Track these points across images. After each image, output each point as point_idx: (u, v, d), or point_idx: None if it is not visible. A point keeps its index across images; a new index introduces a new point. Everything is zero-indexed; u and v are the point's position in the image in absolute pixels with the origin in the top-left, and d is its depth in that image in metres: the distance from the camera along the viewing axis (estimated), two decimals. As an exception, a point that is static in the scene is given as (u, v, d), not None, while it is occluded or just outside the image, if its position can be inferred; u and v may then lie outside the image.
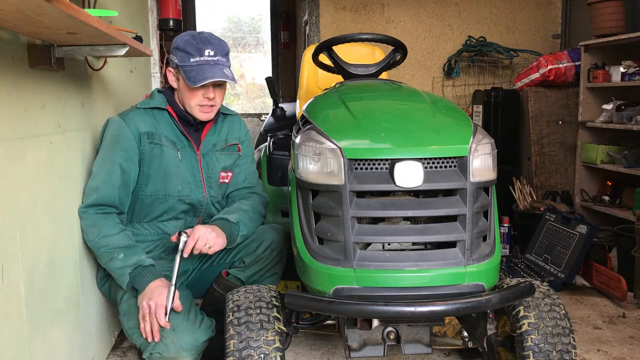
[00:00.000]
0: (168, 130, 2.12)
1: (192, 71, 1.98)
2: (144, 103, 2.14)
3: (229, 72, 2.01)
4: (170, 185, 2.12)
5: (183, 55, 2.00)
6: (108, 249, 1.97)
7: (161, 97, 2.15)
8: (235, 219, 2.09)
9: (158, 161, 2.09)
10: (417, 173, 1.51)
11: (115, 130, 2.06)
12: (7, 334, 1.51)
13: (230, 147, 2.26)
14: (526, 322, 1.68)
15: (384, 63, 2.35)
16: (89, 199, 2.02)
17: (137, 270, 1.93)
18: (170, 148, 2.11)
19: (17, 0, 1.13)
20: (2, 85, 1.51)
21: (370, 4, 5.27)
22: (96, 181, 2.03)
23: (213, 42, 2.02)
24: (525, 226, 3.83)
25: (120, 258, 1.95)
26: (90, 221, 2.01)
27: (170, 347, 1.89)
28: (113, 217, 2.03)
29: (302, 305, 1.58)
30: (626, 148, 4.02)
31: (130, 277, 1.93)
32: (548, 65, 4.40)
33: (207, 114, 2.09)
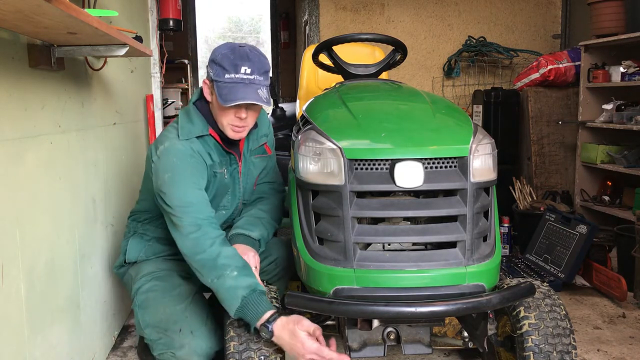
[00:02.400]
0: (217, 154, 2.01)
1: (225, 88, 1.84)
2: (188, 131, 1.95)
3: (263, 93, 1.86)
4: (214, 204, 2.04)
5: (218, 70, 1.86)
6: (221, 265, 1.75)
7: (201, 120, 1.98)
8: (257, 236, 2.02)
9: (212, 186, 2.01)
10: (418, 173, 1.51)
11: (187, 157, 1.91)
12: (7, 334, 1.51)
13: (260, 148, 2.18)
14: (527, 323, 1.68)
15: (384, 63, 2.35)
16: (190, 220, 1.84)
17: (251, 295, 1.67)
18: (221, 173, 2.03)
19: (17, 0, 1.13)
20: (2, 85, 1.51)
21: (370, 4, 5.26)
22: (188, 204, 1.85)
23: (252, 59, 1.86)
24: (525, 226, 3.83)
25: (232, 276, 1.72)
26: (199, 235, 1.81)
27: (185, 349, 1.86)
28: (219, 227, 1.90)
29: (303, 305, 1.58)
30: (626, 148, 4.02)
31: (242, 302, 1.67)
32: (548, 65, 4.40)
33: (238, 134, 1.96)
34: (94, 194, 2.26)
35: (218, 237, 1.80)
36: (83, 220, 2.12)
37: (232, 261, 1.74)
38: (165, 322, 1.91)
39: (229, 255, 1.76)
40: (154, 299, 1.96)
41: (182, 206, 1.83)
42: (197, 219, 1.82)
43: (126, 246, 2.18)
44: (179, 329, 1.88)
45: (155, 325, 1.93)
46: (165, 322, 1.91)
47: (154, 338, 1.92)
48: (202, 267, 1.77)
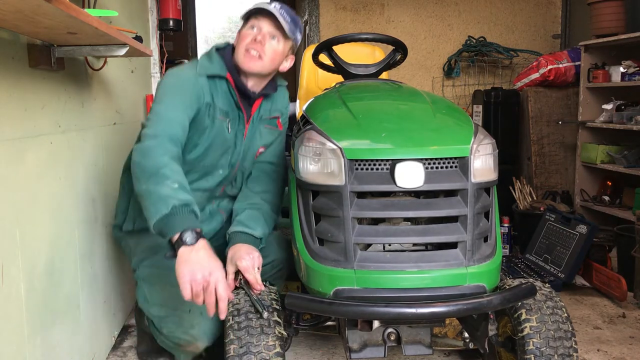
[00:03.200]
0: (224, 101, 1.95)
1: (249, 12, 1.89)
2: (204, 67, 1.92)
3: (287, 23, 1.87)
4: (211, 157, 1.98)
5: (247, 13, 1.91)
6: (163, 173, 1.64)
7: (220, 62, 1.94)
8: (260, 234, 1.95)
9: (208, 132, 1.93)
10: (418, 173, 1.51)
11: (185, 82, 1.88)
12: (7, 334, 1.51)
13: (272, 120, 2.11)
14: (528, 326, 1.68)
15: (384, 63, 2.34)
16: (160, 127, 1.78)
17: (185, 209, 1.59)
18: (222, 121, 1.95)
19: (17, 0, 1.13)
20: (2, 85, 1.51)
21: (370, 4, 5.26)
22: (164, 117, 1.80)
23: (282, 5, 1.91)
24: (525, 226, 3.83)
25: (172, 187, 1.62)
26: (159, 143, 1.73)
27: (195, 329, 1.84)
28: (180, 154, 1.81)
29: (303, 306, 1.57)
30: (626, 148, 4.02)
31: (171, 210, 1.57)
32: (548, 65, 4.40)
33: (251, 62, 1.89)
34: (94, 194, 2.26)
35: (171, 152, 1.72)
36: (83, 220, 2.12)
37: (177, 176, 1.66)
38: (174, 301, 1.86)
39: (176, 170, 1.68)
40: (159, 276, 1.92)
41: (156, 118, 1.80)
42: (161, 131, 1.76)
43: (122, 208, 2.11)
44: (188, 309, 1.85)
45: (162, 303, 1.91)
46: (174, 301, 1.86)
47: (161, 315, 1.91)
48: (143, 173, 1.66)
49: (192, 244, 1.55)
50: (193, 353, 1.96)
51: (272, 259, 2.14)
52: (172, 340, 1.94)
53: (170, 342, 1.97)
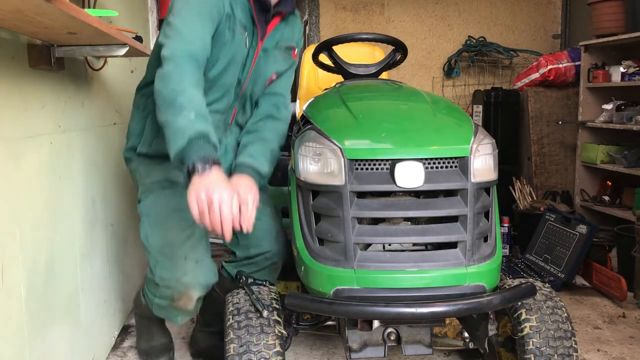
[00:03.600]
0: (242, 14, 1.86)
1: None
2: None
3: None
4: (231, 74, 1.90)
5: None
6: (180, 103, 1.60)
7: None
8: (266, 173, 1.89)
9: (228, 47, 1.84)
10: (418, 173, 1.51)
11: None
12: (7, 334, 1.51)
13: (287, 50, 2.04)
14: (528, 326, 1.68)
15: (384, 63, 2.34)
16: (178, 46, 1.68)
17: (200, 140, 1.56)
18: (241, 34, 1.86)
19: (17, 0, 1.13)
20: (2, 85, 1.51)
21: (370, 4, 5.26)
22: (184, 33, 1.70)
23: None
24: (525, 226, 3.83)
25: (189, 118, 1.58)
26: (177, 67, 1.65)
27: (188, 276, 1.85)
28: (201, 74, 1.75)
29: (303, 306, 1.57)
30: (626, 148, 4.02)
31: (187, 142, 1.55)
32: (548, 65, 4.40)
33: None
34: (94, 194, 2.26)
35: (191, 75, 1.66)
36: (83, 220, 2.12)
37: (195, 104, 1.61)
38: (170, 247, 1.87)
39: (194, 97, 1.63)
40: (161, 218, 1.90)
41: (174, 34, 1.69)
42: (180, 51, 1.67)
43: (136, 131, 2.02)
44: (184, 257, 1.85)
45: (160, 249, 1.89)
46: (170, 247, 1.87)
47: (157, 258, 1.90)
48: (163, 102, 1.63)
49: (204, 171, 1.53)
50: (187, 311, 1.93)
51: (265, 250, 2.09)
52: (165, 293, 1.91)
53: (163, 300, 1.95)
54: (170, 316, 2.02)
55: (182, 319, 2.01)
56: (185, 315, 1.98)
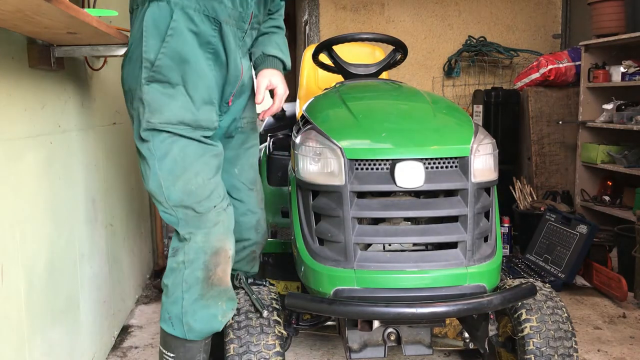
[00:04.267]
0: None
1: None
2: None
3: None
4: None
5: None
6: None
7: None
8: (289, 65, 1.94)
9: None
10: (418, 173, 1.51)
11: None
12: (7, 334, 1.51)
13: None
14: (528, 326, 1.68)
15: (384, 63, 2.34)
16: None
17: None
18: None
19: (17, 0, 1.13)
20: (2, 85, 1.50)
21: (370, 4, 5.26)
22: None
23: None
24: (525, 226, 3.82)
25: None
26: None
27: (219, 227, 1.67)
28: None
29: (303, 306, 1.57)
30: (626, 148, 4.02)
31: None
32: (548, 65, 4.40)
33: None
34: (94, 194, 2.26)
35: None
36: (83, 220, 2.12)
37: None
38: (197, 195, 1.64)
39: None
40: (183, 164, 1.63)
41: None
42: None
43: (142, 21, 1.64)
44: (213, 205, 1.66)
45: (182, 198, 1.63)
46: (197, 195, 1.64)
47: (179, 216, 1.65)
48: None
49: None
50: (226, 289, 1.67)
51: (244, 238, 1.96)
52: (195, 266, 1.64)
53: (194, 285, 1.64)
54: (209, 312, 1.65)
55: (224, 313, 1.66)
56: (226, 300, 1.67)
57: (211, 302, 1.65)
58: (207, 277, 1.65)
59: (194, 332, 1.65)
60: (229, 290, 1.69)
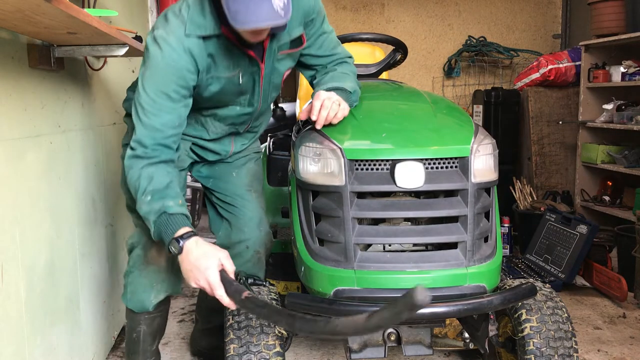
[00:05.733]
0: (226, 56, 1.68)
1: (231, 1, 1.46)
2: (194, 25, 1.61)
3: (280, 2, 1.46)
4: (223, 99, 1.80)
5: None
6: (139, 189, 1.64)
7: (213, 15, 1.61)
8: (351, 88, 1.75)
9: (214, 88, 1.73)
10: (418, 174, 1.51)
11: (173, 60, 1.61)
12: (7, 334, 1.51)
13: (294, 42, 1.80)
14: (528, 326, 1.67)
15: (384, 63, 2.34)
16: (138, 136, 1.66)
17: (163, 218, 1.60)
18: (230, 77, 1.73)
19: (17, 0, 1.13)
20: (2, 85, 1.50)
21: (370, 4, 5.26)
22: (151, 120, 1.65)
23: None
24: (525, 226, 3.82)
25: (146, 200, 1.63)
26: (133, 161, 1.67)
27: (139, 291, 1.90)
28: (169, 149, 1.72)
29: (303, 306, 1.57)
30: (626, 148, 4.02)
31: (154, 227, 1.61)
32: (548, 65, 4.40)
33: (258, 38, 1.63)
34: (94, 194, 2.26)
35: (151, 158, 1.66)
36: (83, 220, 2.11)
37: (151, 183, 1.63)
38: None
39: (149, 175, 1.64)
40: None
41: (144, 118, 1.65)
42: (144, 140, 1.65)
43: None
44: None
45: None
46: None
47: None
48: (130, 190, 1.69)
49: (179, 252, 1.58)
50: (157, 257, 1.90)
51: (246, 237, 1.99)
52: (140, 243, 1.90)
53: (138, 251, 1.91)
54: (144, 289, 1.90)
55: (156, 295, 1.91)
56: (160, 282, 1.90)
57: (146, 280, 1.90)
58: (145, 254, 1.89)
59: (132, 304, 1.93)
60: (163, 271, 1.89)
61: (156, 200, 1.62)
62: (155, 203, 1.62)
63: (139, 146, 1.66)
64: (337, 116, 1.67)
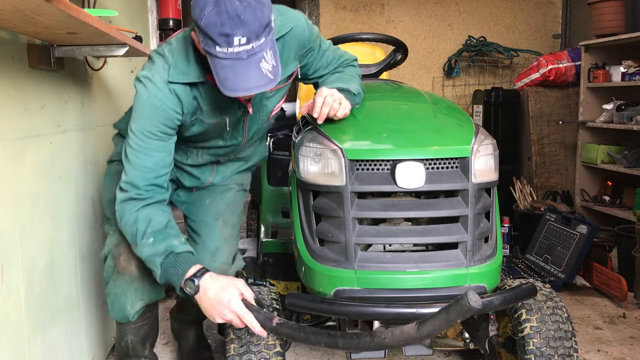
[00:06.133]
0: (212, 102, 1.67)
1: (219, 66, 1.43)
2: (177, 72, 1.60)
3: (267, 64, 1.44)
4: (207, 138, 1.81)
5: (206, 40, 1.42)
6: (136, 233, 1.63)
7: (197, 65, 1.61)
8: (356, 90, 1.74)
9: (197, 129, 1.73)
10: (419, 174, 1.51)
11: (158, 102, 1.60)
12: (6, 335, 1.51)
13: (287, 77, 1.79)
14: (528, 326, 1.67)
15: (384, 63, 2.34)
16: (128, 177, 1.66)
17: (171, 259, 1.59)
18: (214, 122, 1.73)
19: (17, 0, 1.13)
20: (2, 85, 1.50)
21: (370, 4, 5.26)
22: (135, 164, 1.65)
23: (245, 19, 1.38)
24: (525, 226, 3.82)
25: (148, 243, 1.62)
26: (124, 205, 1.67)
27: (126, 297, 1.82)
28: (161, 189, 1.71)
29: (303, 306, 1.57)
30: (626, 148, 4.02)
31: (162, 269, 1.60)
32: (548, 65, 4.40)
33: (248, 97, 1.67)
34: (94, 194, 2.26)
35: (144, 199, 1.65)
36: (83, 220, 2.11)
37: (150, 225, 1.62)
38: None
39: (146, 218, 1.63)
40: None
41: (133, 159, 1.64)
42: (135, 181, 1.64)
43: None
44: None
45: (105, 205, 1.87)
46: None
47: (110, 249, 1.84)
48: (127, 237, 1.68)
49: (196, 292, 1.56)
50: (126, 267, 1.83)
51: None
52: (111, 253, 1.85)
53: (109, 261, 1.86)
54: (120, 299, 1.83)
55: (132, 304, 1.83)
56: (134, 291, 1.83)
57: (119, 290, 1.83)
58: (115, 265, 1.83)
59: (114, 314, 1.86)
60: (136, 280, 1.82)
61: (159, 241, 1.61)
62: (159, 245, 1.61)
63: (132, 188, 1.64)
64: (338, 114, 1.67)
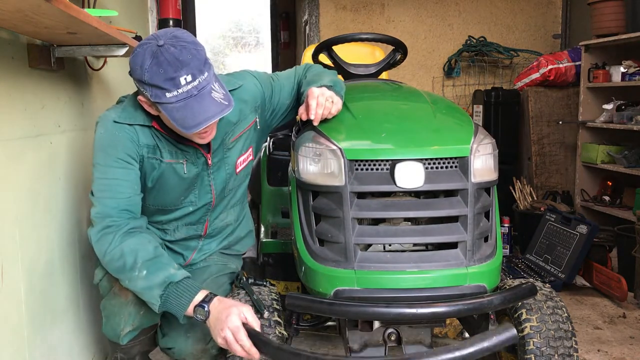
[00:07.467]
0: (167, 146, 1.69)
1: (174, 111, 1.47)
2: (125, 114, 1.65)
3: (219, 93, 1.50)
4: (173, 199, 1.77)
5: (155, 91, 1.47)
6: (125, 267, 1.58)
7: (143, 112, 1.64)
8: (331, 82, 1.74)
9: (157, 174, 1.71)
10: (418, 174, 1.51)
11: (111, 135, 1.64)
12: (7, 335, 1.51)
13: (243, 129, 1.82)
14: (528, 326, 1.67)
15: (384, 63, 2.34)
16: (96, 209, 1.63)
17: (171, 289, 1.55)
18: (172, 164, 1.70)
19: (17, 0, 1.13)
20: (2, 85, 1.50)
21: (370, 4, 5.26)
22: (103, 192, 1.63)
23: (183, 59, 1.45)
24: (525, 226, 3.83)
25: (142, 276, 1.56)
26: (100, 235, 1.62)
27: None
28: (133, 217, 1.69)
29: (303, 307, 1.57)
30: (626, 148, 4.02)
31: (161, 301, 1.55)
32: (548, 65, 4.40)
33: (205, 139, 1.65)
34: (94, 194, 2.26)
35: (120, 228, 1.60)
36: (83, 220, 2.11)
37: (140, 256, 1.57)
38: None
39: (134, 249, 1.57)
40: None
41: (100, 188, 1.62)
42: (104, 211, 1.61)
43: None
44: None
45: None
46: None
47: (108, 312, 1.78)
48: (112, 270, 1.62)
49: (207, 318, 1.54)
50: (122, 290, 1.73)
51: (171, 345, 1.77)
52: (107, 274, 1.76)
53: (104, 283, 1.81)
54: (114, 321, 1.75)
55: (123, 328, 1.73)
56: (127, 315, 1.74)
57: (115, 311, 1.75)
58: (111, 287, 1.77)
59: (106, 330, 1.78)
60: (130, 305, 1.73)
61: (154, 272, 1.56)
62: (155, 276, 1.56)
63: (104, 217, 1.61)
64: (332, 112, 1.69)
